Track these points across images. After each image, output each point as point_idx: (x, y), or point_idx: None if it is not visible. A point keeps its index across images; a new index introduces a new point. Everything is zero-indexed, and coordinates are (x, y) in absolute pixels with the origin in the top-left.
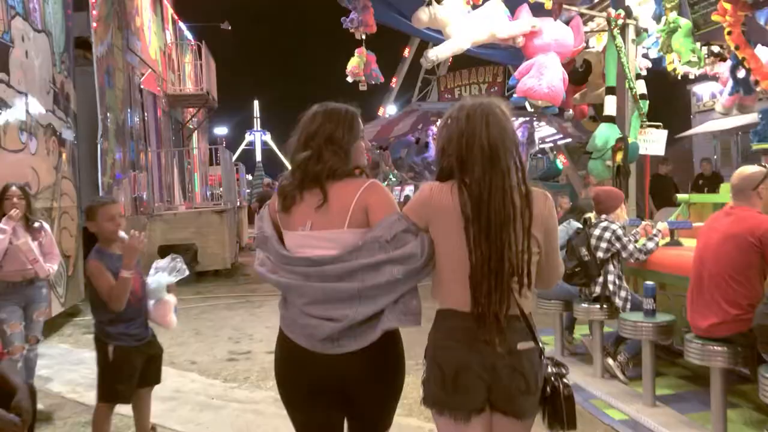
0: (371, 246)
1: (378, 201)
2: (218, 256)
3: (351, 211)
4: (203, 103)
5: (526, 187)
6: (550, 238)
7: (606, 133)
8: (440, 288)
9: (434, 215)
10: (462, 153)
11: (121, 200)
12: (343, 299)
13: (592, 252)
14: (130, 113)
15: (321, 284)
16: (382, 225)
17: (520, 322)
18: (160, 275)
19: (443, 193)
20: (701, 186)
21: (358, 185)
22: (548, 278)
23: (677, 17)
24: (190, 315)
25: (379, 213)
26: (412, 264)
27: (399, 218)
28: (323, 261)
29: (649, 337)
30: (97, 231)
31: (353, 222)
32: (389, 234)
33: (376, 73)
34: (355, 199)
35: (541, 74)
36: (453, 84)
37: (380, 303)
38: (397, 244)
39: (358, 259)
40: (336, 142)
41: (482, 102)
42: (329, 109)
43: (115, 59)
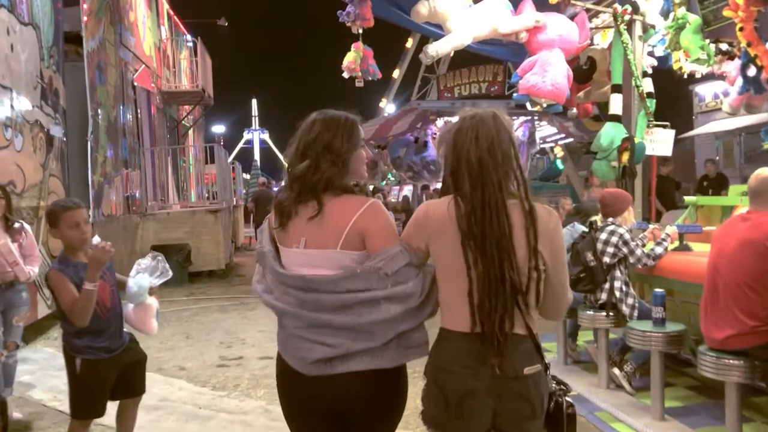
0: (369, 276)
1: (378, 227)
2: (212, 257)
3: (346, 233)
4: (199, 101)
5: (529, 203)
6: (559, 256)
7: (611, 133)
8: (443, 307)
9: (432, 233)
10: (454, 168)
11: (113, 199)
12: (340, 329)
13: (598, 257)
14: (123, 110)
15: (316, 314)
16: (384, 256)
17: (527, 343)
18: (142, 277)
19: (439, 210)
20: (705, 188)
21: (357, 205)
22: (556, 303)
23: (686, 13)
24: (182, 318)
25: (379, 240)
26: (411, 303)
27: (401, 251)
28: (317, 282)
29: (659, 347)
30: (60, 239)
31: (347, 244)
32: (390, 267)
33: (373, 69)
34: (352, 221)
35: (545, 71)
36: (453, 83)
37: (378, 339)
38: (397, 278)
39: (355, 290)
40: (334, 152)
41: (476, 114)
42: (328, 117)
43: (107, 54)
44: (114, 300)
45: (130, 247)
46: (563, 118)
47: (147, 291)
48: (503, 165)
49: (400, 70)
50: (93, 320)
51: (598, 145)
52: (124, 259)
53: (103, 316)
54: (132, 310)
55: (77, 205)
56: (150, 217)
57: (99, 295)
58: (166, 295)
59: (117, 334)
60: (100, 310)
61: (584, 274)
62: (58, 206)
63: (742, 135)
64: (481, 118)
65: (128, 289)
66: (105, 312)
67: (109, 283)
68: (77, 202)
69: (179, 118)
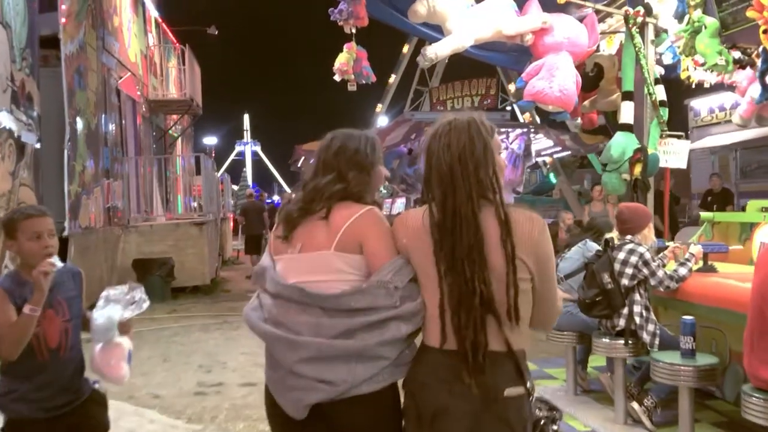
0: (376, 291)
1: (377, 233)
2: (197, 271)
3: (341, 233)
4: (186, 110)
5: (504, 211)
6: (546, 266)
7: (623, 143)
8: (423, 321)
9: (409, 242)
10: (427, 176)
11: (92, 210)
12: (338, 357)
13: (615, 279)
14: (105, 118)
15: (313, 339)
16: (390, 268)
17: (508, 362)
18: (112, 309)
19: (416, 218)
20: (710, 203)
21: (356, 209)
22: (544, 315)
23: (702, 16)
24: (161, 337)
25: (378, 247)
26: (418, 320)
27: (406, 263)
28: (317, 297)
29: (689, 383)
30: (17, 253)
31: (341, 245)
32: (400, 281)
33: (367, 72)
34: (349, 222)
35: (552, 76)
36: (445, 96)
37: (381, 363)
38: (405, 293)
39: (359, 310)
40: (360, 163)
41: (452, 120)
42: (348, 132)
43: (88, 59)
44: (67, 341)
45: (111, 260)
46: (559, 131)
47: (116, 327)
48: (475, 173)
49: (395, 75)
50: (25, 358)
51: (608, 156)
52: (104, 274)
53: (41, 356)
54: (98, 351)
55: (41, 213)
56: (132, 229)
57: (44, 328)
58: (147, 313)
59: (62, 387)
60: (39, 347)
61: (600, 297)
62: (17, 213)
63: (738, 150)
64: (455, 125)
65: (92, 322)
66: (45, 353)
67: (62, 317)
68: (41, 209)
69: (166, 128)
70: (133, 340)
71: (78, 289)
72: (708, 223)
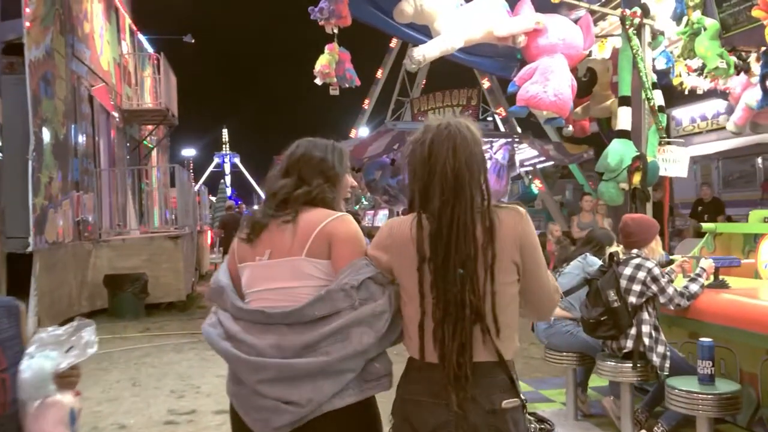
0: (335, 295)
1: (345, 235)
2: (171, 287)
3: (312, 238)
4: (161, 120)
5: (490, 219)
6: (532, 256)
7: (620, 151)
8: (405, 334)
9: (395, 253)
10: (425, 182)
11: (59, 224)
12: (303, 376)
13: (622, 296)
14: (75, 128)
15: (277, 361)
16: (349, 271)
17: (500, 372)
18: (44, 357)
19: (403, 228)
20: (701, 213)
21: (327, 214)
22: (539, 305)
23: (701, 17)
24: (131, 359)
25: (345, 249)
26: (381, 325)
27: (367, 264)
28: (280, 316)
29: (709, 412)
30: None
31: (313, 251)
32: (357, 280)
33: (350, 74)
34: (320, 226)
35: (546, 79)
36: (427, 106)
37: (347, 376)
38: (364, 294)
39: (320, 319)
40: (325, 171)
41: (449, 123)
42: (314, 139)
43: (56, 66)
44: (5, 396)
45: (81, 276)
46: (544, 141)
47: (50, 380)
48: (477, 179)
49: (370, 99)
50: None
51: (604, 164)
52: (74, 291)
53: None
54: (30, 413)
55: None
56: (104, 243)
57: None
58: (119, 331)
59: None
60: None
61: (606, 316)
62: None
63: (720, 160)
64: (456, 128)
65: (19, 375)
66: None
67: None
68: None
69: (141, 139)
70: (79, 396)
71: (16, 327)
72: (710, 235)
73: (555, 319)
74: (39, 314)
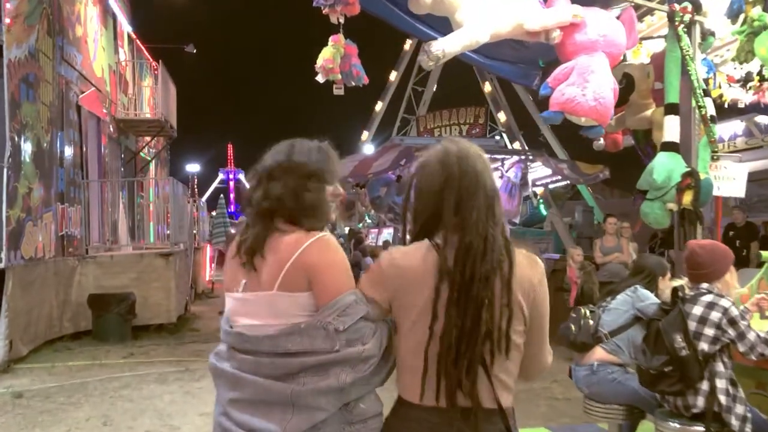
0: (315, 332)
1: (325, 264)
2: (161, 308)
3: (285, 270)
4: (159, 131)
5: (505, 238)
6: (540, 311)
7: (668, 166)
8: (400, 374)
9: (400, 286)
10: (452, 203)
11: (39, 239)
12: (274, 403)
13: (691, 342)
14: (62, 135)
15: (253, 378)
16: (334, 307)
17: (498, 421)
18: None
19: (411, 260)
20: (732, 238)
21: (302, 239)
22: (530, 365)
23: (763, 14)
24: (107, 390)
25: (327, 281)
26: (365, 369)
27: (357, 300)
28: (255, 340)
29: None
30: None
31: (286, 284)
32: (342, 322)
33: (357, 71)
34: (294, 256)
35: (585, 81)
36: (433, 124)
37: (318, 416)
38: (351, 335)
39: (298, 353)
40: (308, 179)
41: (459, 144)
42: (295, 142)
43: (40, 68)
44: None
45: (64, 295)
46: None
47: None
48: (493, 201)
49: (382, 102)
50: None
51: (649, 181)
52: (55, 311)
53: None
54: None
55: None
56: (90, 260)
57: None
58: (100, 356)
59: None
60: None
61: (671, 367)
62: None
63: None
64: (468, 150)
65: None
66: None
67: None
68: None
69: (138, 150)
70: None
71: None
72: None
73: (598, 364)
74: (11, 337)
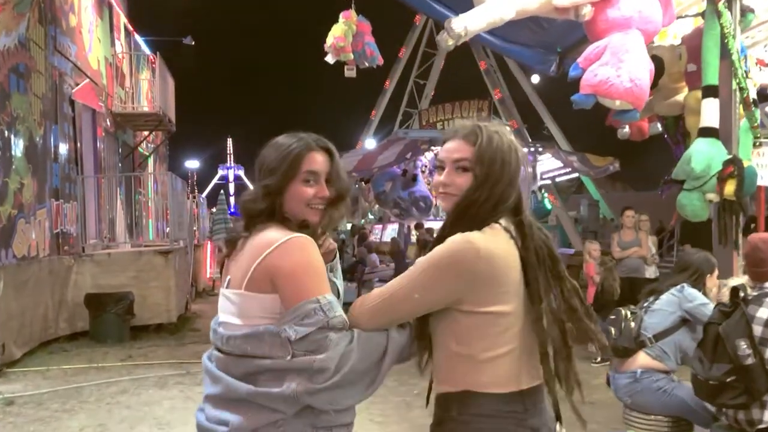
0: (271, 339)
1: (288, 268)
2: (161, 307)
3: (252, 270)
4: (156, 125)
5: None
6: None
7: (708, 153)
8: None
9: (487, 279)
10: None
11: (32, 237)
12: (240, 400)
13: (757, 349)
14: (55, 129)
15: (223, 375)
16: (293, 314)
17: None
18: None
19: (500, 245)
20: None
21: (273, 239)
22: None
23: None
24: (104, 396)
25: (290, 288)
26: (319, 381)
27: (317, 309)
28: (222, 338)
29: None
30: None
31: (253, 284)
32: (296, 331)
33: (371, 50)
34: (260, 258)
35: (620, 60)
36: (435, 118)
37: (276, 415)
38: (308, 345)
39: (256, 356)
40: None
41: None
42: (276, 141)
43: (32, 58)
44: None
45: (59, 295)
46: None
47: None
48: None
49: (377, 109)
50: None
51: (686, 170)
52: (50, 312)
53: None
54: None
55: None
56: (87, 258)
57: None
58: (97, 359)
59: None
60: None
61: (734, 377)
62: None
63: None
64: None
65: None
66: None
67: None
68: None
69: (135, 145)
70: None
71: None
72: None
73: (642, 371)
74: (3, 340)
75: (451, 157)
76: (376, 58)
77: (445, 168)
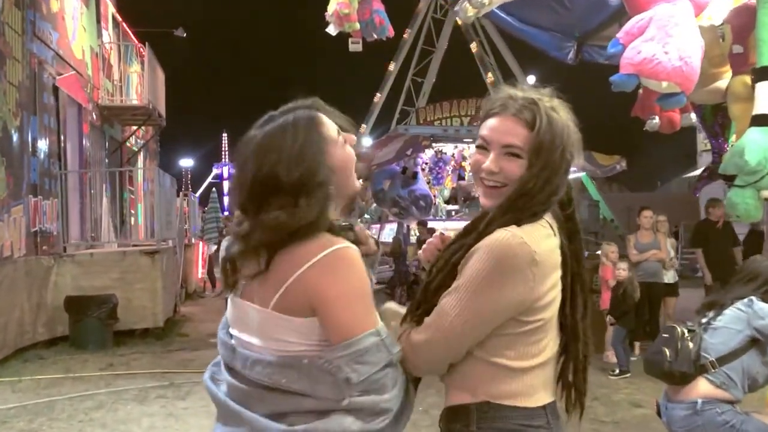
0: (320, 376)
1: (338, 292)
2: (147, 311)
3: (285, 288)
4: (145, 120)
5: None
6: None
7: (764, 143)
8: (518, 375)
9: (544, 279)
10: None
11: (6, 236)
12: None
13: None
14: (34, 120)
15: (245, 412)
16: (349, 349)
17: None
18: None
19: (547, 242)
20: None
21: (310, 252)
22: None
23: None
24: (77, 411)
25: (338, 318)
26: (380, 422)
27: (379, 344)
28: (244, 359)
29: None
30: None
31: (284, 305)
32: (358, 372)
33: (380, 18)
34: (298, 273)
35: (667, 35)
36: (433, 116)
37: None
38: (366, 386)
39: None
40: (278, 189)
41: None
42: (267, 134)
43: (7, 44)
44: None
45: (37, 298)
46: None
47: None
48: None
49: (381, 94)
50: None
51: (738, 164)
52: (27, 316)
53: None
54: None
55: None
56: (68, 258)
57: None
58: (75, 368)
59: None
60: None
61: None
62: None
63: None
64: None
65: None
66: None
67: None
68: None
69: (123, 140)
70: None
71: None
72: None
73: (704, 401)
74: None
75: (502, 140)
76: (387, 29)
77: (489, 150)
